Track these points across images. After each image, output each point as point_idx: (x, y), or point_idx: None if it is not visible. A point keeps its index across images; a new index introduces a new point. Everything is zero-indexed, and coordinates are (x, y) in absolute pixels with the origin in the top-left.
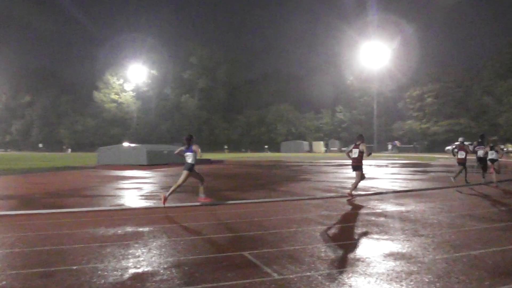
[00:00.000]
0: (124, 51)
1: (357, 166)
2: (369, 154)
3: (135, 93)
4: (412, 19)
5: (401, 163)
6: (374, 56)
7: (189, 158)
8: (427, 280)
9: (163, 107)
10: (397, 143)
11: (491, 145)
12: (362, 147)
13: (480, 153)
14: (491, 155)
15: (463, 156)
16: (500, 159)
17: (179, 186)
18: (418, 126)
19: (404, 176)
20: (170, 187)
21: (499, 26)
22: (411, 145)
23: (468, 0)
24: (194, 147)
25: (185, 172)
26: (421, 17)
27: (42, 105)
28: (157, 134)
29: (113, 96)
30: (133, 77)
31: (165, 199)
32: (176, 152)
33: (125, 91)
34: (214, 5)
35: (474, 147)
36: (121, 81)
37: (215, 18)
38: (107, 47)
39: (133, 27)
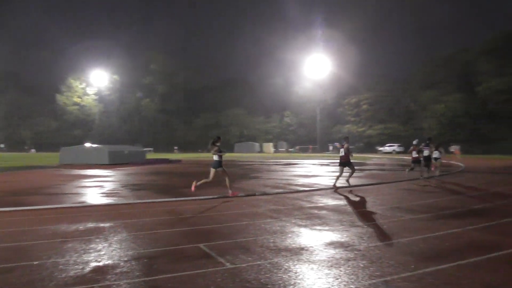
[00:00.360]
0: (87, 56)
1: (345, 162)
2: (351, 154)
3: (97, 97)
4: (351, 35)
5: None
6: (317, 67)
7: (215, 156)
8: (362, 265)
9: (124, 110)
10: (337, 144)
11: (436, 146)
12: (346, 145)
13: (426, 152)
14: (435, 154)
15: (417, 155)
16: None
17: (208, 181)
18: (355, 129)
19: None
20: (133, 184)
21: (423, 42)
22: (352, 146)
23: (396, 19)
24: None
25: (212, 170)
26: (359, 33)
27: (3, 106)
28: (118, 135)
29: (76, 99)
30: (96, 81)
31: (195, 187)
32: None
33: (87, 94)
34: (174, 15)
35: (422, 147)
36: (84, 85)
37: (175, 28)
38: (70, 52)
39: (96, 33)
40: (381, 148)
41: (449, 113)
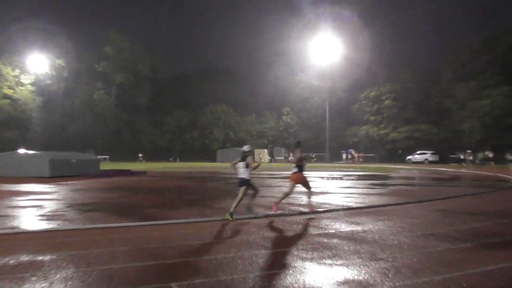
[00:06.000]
0: (22, 36)
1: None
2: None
3: (35, 88)
4: (366, 11)
5: (356, 175)
6: (325, 50)
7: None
8: None
9: (71, 105)
10: (352, 151)
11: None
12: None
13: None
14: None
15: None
16: None
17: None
18: (375, 132)
19: (360, 190)
20: (83, 203)
21: (461, 24)
22: (372, 154)
23: None
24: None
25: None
26: (376, 8)
27: None
28: (64, 138)
29: (6, 91)
30: (33, 68)
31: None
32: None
33: (22, 84)
34: None
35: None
36: (17, 72)
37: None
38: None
39: (37, 10)
40: (409, 157)
41: (495, 112)
